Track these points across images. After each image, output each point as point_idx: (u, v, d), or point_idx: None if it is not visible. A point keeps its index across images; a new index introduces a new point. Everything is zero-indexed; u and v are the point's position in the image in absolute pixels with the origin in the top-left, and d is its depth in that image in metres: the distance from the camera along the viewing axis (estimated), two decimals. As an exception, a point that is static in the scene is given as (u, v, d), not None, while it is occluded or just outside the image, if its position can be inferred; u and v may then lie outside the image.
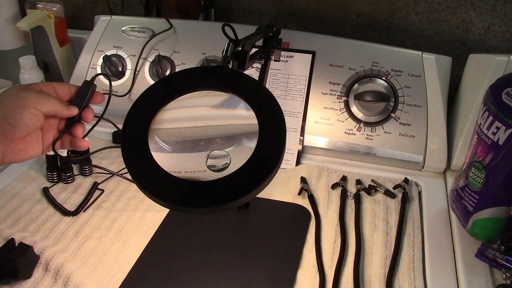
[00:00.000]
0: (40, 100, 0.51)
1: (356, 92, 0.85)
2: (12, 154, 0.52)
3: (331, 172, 0.81)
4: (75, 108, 0.54)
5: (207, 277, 0.61)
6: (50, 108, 0.52)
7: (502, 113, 0.57)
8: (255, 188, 0.46)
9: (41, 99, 0.52)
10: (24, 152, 0.53)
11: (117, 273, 0.61)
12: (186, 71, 0.57)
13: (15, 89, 0.52)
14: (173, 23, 0.96)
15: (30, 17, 0.98)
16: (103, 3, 1.18)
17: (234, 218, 0.71)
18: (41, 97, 0.52)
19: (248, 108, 0.51)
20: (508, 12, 0.91)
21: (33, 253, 0.61)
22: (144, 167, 0.48)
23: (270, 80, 0.88)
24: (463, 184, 0.66)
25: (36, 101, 0.51)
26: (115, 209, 0.72)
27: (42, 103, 0.51)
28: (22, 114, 0.50)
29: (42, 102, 0.51)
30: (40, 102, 0.51)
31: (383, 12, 0.99)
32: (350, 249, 0.66)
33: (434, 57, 0.85)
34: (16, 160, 0.53)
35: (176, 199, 0.46)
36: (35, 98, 0.51)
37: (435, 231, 0.69)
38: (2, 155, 0.51)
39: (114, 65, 0.94)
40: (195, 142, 0.52)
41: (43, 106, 0.51)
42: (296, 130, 0.85)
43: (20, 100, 0.51)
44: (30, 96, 0.51)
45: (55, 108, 0.53)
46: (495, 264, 0.62)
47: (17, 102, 0.51)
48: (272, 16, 1.07)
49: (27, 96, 0.51)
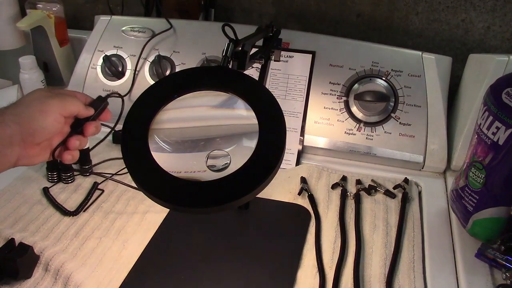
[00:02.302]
0: (64, 104, 0.52)
1: (356, 92, 0.85)
2: (26, 158, 0.52)
3: (331, 172, 0.81)
4: (91, 109, 0.55)
5: (207, 277, 0.61)
6: (74, 108, 0.53)
7: (502, 113, 0.57)
8: (255, 188, 0.46)
9: (65, 102, 0.52)
10: (37, 157, 0.53)
11: (117, 273, 0.61)
12: (186, 71, 0.57)
13: (40, 94, 0.53)
14: (173, 23, 0.96)
15: (30, 17, 0.98)
16: (103, 3, 1.18)
17: (234, 218, 0.71)
18: (64, 101, 0.52)
19: (248, 108, 0.51)
20: (508, 12, 0.91)
21: (33, 253, 0.61)
22: (144, 167, 0.48)
23: (270, 80, 0.88)
24: (463, 184, 0.66)
25: (60, 106, 0.52)
26: (115, 209, 0.72)
27: (66, 106, 0.52)
28: (45, 120, 0.51)
29: (66, 105, 0.52)
30: (64, 106, 0.52)
31: (383, 12, 0.99)
32: (350, 249, 0.66)
33: (434, 57, 0.85)
34: (27, 164, 0.53)
35: (176, 199, 0.46)
36: (60, 103, 0.52)
37: (435, 231, 0.69)
38: (17, 158, 0.51)
39: (114, 65, 0.94)
40: (195, 142, 0.52)
41: (67, 108, 0.52)
42: (296, 130, 0.85)
43: (45, 106, 0.51)
44: (55, 102, 0.51)
45: (78, 108, 0.54)
46: (495, 264, 0.62)
47: (42, 107, 0.51)
48: (272, 16, 1.07)
49: (52, 102, 0.51)
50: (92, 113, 0.55)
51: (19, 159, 0.51)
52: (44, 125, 0.51)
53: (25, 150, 0.51)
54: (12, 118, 0.49)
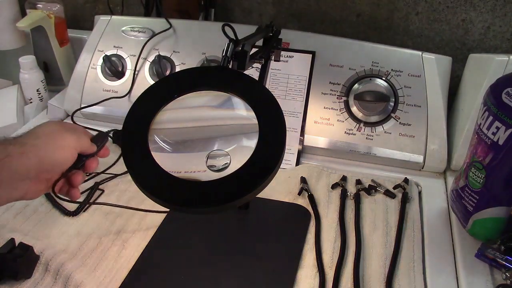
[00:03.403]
0: (79, 139, 0.52)
1: (356, 92, 0.85)
2: (32, 193, 0.50)
3: (331, 172, 0.81)
4: (94, 145, 0.55)
5: (207, 277, 0.61)
6: (85, 144, 0.53)
7: (502, 113, 0.57)
8: (255, 188, 0.46)
9: (79, 138, 0.52)
10: (40, 192, 0.51)
11: (117, 273, 0.61)
12: (186, 71, 0.57)
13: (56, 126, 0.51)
14: (173, 23, 0.96)
15: (30, 17, 0.98)
16: (103, 3, 1.18)
17: (234, 218, 0.71)
18: (79, 136, 0.52)
19: (248, 108, 0.51)
20: (508, 12, 0.91)
21: (33, 253, 0.61)
22: (144, 167, 0.48)
23: (270, 80, 0.88)
24: (463, 184, 0.66)
25: (76, 142, 0.51)
26: (115, 209, 0.72)
27: (80, 142, 0.52)
28: (64, 155, 0.50)
29: (80, 141, 0.52)
30: (79, 142, 0.51)
31: (383, 12, 0.99)
32: (350, 249, 0.66)
33: (434, 57, 0.85)
34: (29, 199, 0.50)
35: (176, 199, 0.46)
36: (76, 139, 0.51)
37: (435, 231, 0.69)
38: (25, 192, 0.48)
39: (114, 65, 0.94)
40: (195, 142, 0.52)
41: (81, 144, 0.52)
42: (296, 130, 0.85)
43: (64, 141, 0.50)
44: (73, 137, 0.51)
45: (87, 144, 0.53)
46: (495, 264, 0.62)
47: (62, 142, 0.50)
48: (272, 16, 1.07)
49: (70, 137, 0.51)
50: (95, 150, 0.55)
51: (27, 193, 0.49)
52: (62, 161, 0.50)
53: (35, 185, 0.49)
54: (33, 150, 0.47)
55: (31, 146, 0.47)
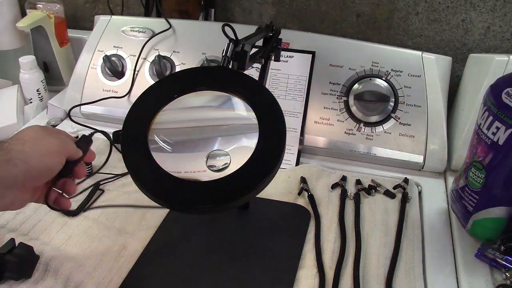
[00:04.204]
0: (65, 144, 0.49)
1: (356, 92, 0.85)
2: (18, 202, 0.48)
3: (331, 172, 0.81)
4: (80, 150, 0.52)
5: (207, 277, 0.61)
6: (71, 149, 0.50)
7: (502, 113, 0.57)
8: (255, 188, 0.46)
9: (65, 143, 0.49)
10: (25, 202, 0.49)
11: (117, 273, 0.61)
12: (186, 71, 0.57)
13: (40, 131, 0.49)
14: (173, 23, 0.96)
15: (30, 17, 0.98)
16: (103, 3, 1.18)
17: (234, 218, 0.71)
18: (63, 141, 0.49)
19: (248, 108, 0.51)
20: (508, 12, 0.91)
21: (33, 253, 0.61)
22: (144, 167, 0.48)
23: (270, 80, 0.88)
24: (463, 184, 0.66)
25: (62, 147, 0.49)
26: (115, 209, 0.72)
27: (66, 147, 0.49)
28: (52, 161, 0.47)
29: (66, 146, 0.49)
30: (65, 147, 0.49)
31: (383, 12, 0.99)
32: (350, 249, 0.66)
33: (434, 57, 0.85)
34: (14, 209, 0.48)
35: (176, 199, 0.46)
36: (61, 144, 0.49)
37: (435, 231, 0.69)
38: (11, 202, 0.46)
39: (114, 65, 0.94)
40: (195, 142, 0.52)
41: (67, 149, 0.49)
42: (296, 130, 0.85)
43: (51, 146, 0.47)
44: (57, 142, 0.48)
45: (74, 149, 0.51)
46: (495, 264, 0.62)
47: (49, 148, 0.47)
48: (272, 16, 1.07)
49: (55, 142, 0.48)
50: (81, 154, 0.52)
51: (12, 203, 0.46)
52: (50, 166, 0.47)
53: (21, 194, 0.47)
54: (20, 157, 0.44)
55: (17, 152, 0.45)
